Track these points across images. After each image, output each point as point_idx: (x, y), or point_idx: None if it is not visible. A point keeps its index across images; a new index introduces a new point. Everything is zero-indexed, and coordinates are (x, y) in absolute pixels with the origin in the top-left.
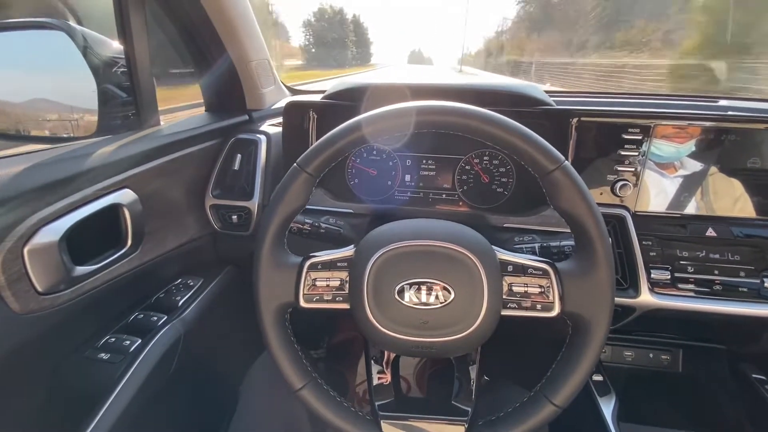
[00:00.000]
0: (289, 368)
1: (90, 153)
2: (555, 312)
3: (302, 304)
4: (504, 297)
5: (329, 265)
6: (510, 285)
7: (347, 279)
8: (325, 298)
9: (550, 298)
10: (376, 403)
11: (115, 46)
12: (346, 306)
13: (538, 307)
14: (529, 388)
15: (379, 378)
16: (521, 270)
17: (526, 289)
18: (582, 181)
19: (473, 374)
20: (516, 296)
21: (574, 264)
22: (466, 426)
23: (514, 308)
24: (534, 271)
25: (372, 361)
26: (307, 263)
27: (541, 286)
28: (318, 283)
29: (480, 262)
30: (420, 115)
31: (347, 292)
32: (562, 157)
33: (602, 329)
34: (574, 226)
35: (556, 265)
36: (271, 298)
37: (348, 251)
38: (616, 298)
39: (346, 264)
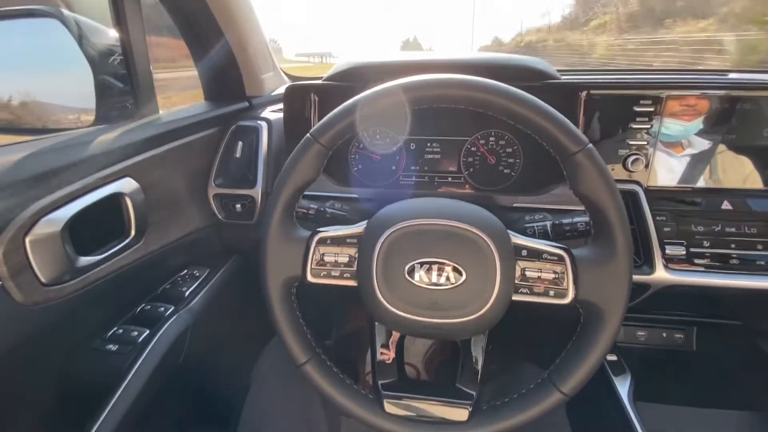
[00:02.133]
0: (293, 342)
1: (89, 141)
2: (568, 299)
3: (309, 278)
4: (516, 282)
5: (338, 241)
6: (523, 270)
7: (356, 255)
8: (333, 273)
9: (564, 284)
10: (380, 382)
11: (111, 33)
12: (353, 283)
13: (551, 293)
14: (537, 374)
15: (381, 354)
16: (536, 255)
17: (539, 274)
18: (605, 165)
19: (480, 358)
20: (529, 281)
21: (592, 251)
22: (470, 409)
23: (526, 293)
24: (549, 257)
25: (377, 339)
26: (316, 237)
27: (555, 272)
28: (326, 258)
29: (494, 245)
30: (440, 89)
31: (355, 269)
32: (586, 139)
33: (616, 319)
34: (593, 211)
35: (572, 251)
36: (278, 270)
37: (358, 228)
38: None
39: (356, 240)
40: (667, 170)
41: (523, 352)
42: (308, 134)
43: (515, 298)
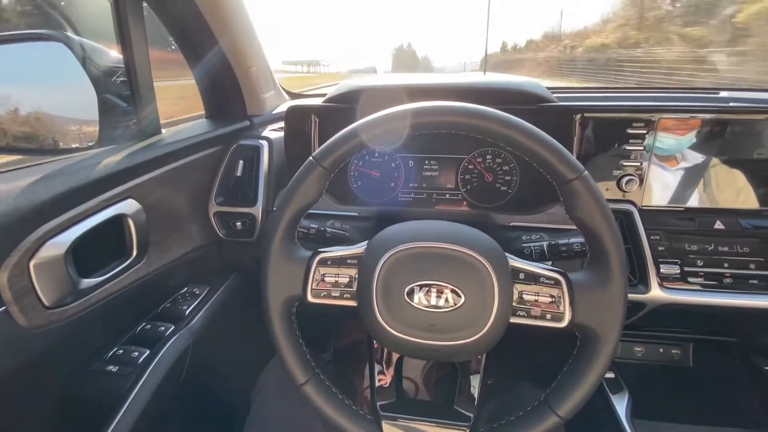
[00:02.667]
0: (293, 362)
1: (92, 164)
2: (565, 323)
3: (309, 298)
4: (514, 304)
5: (339, 261)
6: (521, 293)
7: (356, 276)
8: (333, 294)
9: (561, 308)
10: (378, 403)
11: (115, 55)
12: (353, 303)
13: (548, 316)
14: (534, 393)
15: (379, 380)
16: (533, 278)
17: (536, 297)
18: (601, 193)
19: (477, 379)
20: (526, 304)
21: (587, 276)
22: (468, 431)
23: (523, 316)
24: (546, 280)
25: (375, 362)
26: (317, 258)
27: (552, 296)
28: (327, 279)
29: (492, 268)
30: (442, 116)
31: (355, 289)
32: (582, 167)
33: (611, 343)
34: (589, 237)
35: (568, 275)
36: (278, 290)
37: (359, 248)
38: None
39: (356, 261)
40: (660, 189)
41: (520, 370)
42: (311, 157)
43: (513, 320)
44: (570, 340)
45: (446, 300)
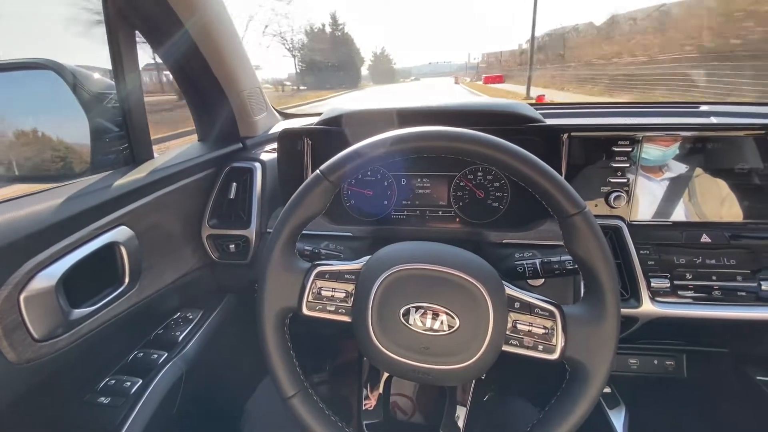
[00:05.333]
0: (281, 374)
1: (84, 193)
2: (556, 355)
3: (304, 311)
4: (507, 333)
5: (337, 276)
6: (515, 322)
7: (353, 292)
8: (328, 308)
9: (553, 341)
10: (365, 422)
11: (106, 82)
12: (347, 319)
13: (540, 347)
14: (519, 424)
15: (365, 403)
16: (528, 308)
17: (530, 328)
18: (600, 230)
19: (464, 409)
20: (519, 334)
21: (582, 310)
22: None
23: (516, 345)
24: (540, 312)
25: (363, 382)
26: (315, 270)
27: (545, 327)
28: (323, 293)
29: (489, 295)
30: (447, 141)
31: (351, 305)
32: (584, 203)
33: (601, 379)
34: (586, 272)
35: (563, 308)
36: (274, 299)
37: (358, 264)
38: None
39: (354, 277)
40: (648, 203)
41: (509, 398)
42: (318, 171)
43: (505, 349)
44: (559, 372)
45: (441, 323)
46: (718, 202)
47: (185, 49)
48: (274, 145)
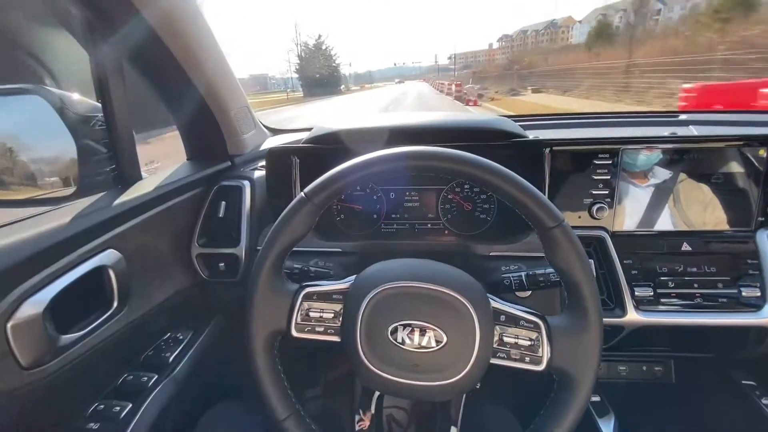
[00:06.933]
0: (273, 397)
1: (71, 217)
2: (543, 366)
3: (293, 333)
4: (494, 346)
5: (324, 296)
6: (501, 335)
7: (341, 311)
8: (317, 329)
9: (539, 352)
10: None
11: (93, 104)
12: (337, 339)
13: (527, 359)
14: (514, 423)
15: (359, 425)
16: (513, 321)
17: (516, 340)
18: (579, 241)
19: (458, 418)
20: (506, 346)
21: (565, 320)
22: None
23: (503, 358)
24: (526, 324)
25: (356, 400)
26: (303, 292)
27: (531, 339)
28: (311, 314)
29: (474, 310)
30: (427, 160)
31: (339, 325)
32: (562, 216)
33: (587, 387)
34: (567, 283)
35: (547, 319)
36: (263, 323)
37: (345, 284)
38: (604, 319)
39: (341, 297)
40: (630, 213)
41: (499, 409)
42: (302, 193)
43: (493, 361)
44: (548, 381)
45: (429, 340)
46: (701, 207)
47: (171, 70)
48: (263, 162)
